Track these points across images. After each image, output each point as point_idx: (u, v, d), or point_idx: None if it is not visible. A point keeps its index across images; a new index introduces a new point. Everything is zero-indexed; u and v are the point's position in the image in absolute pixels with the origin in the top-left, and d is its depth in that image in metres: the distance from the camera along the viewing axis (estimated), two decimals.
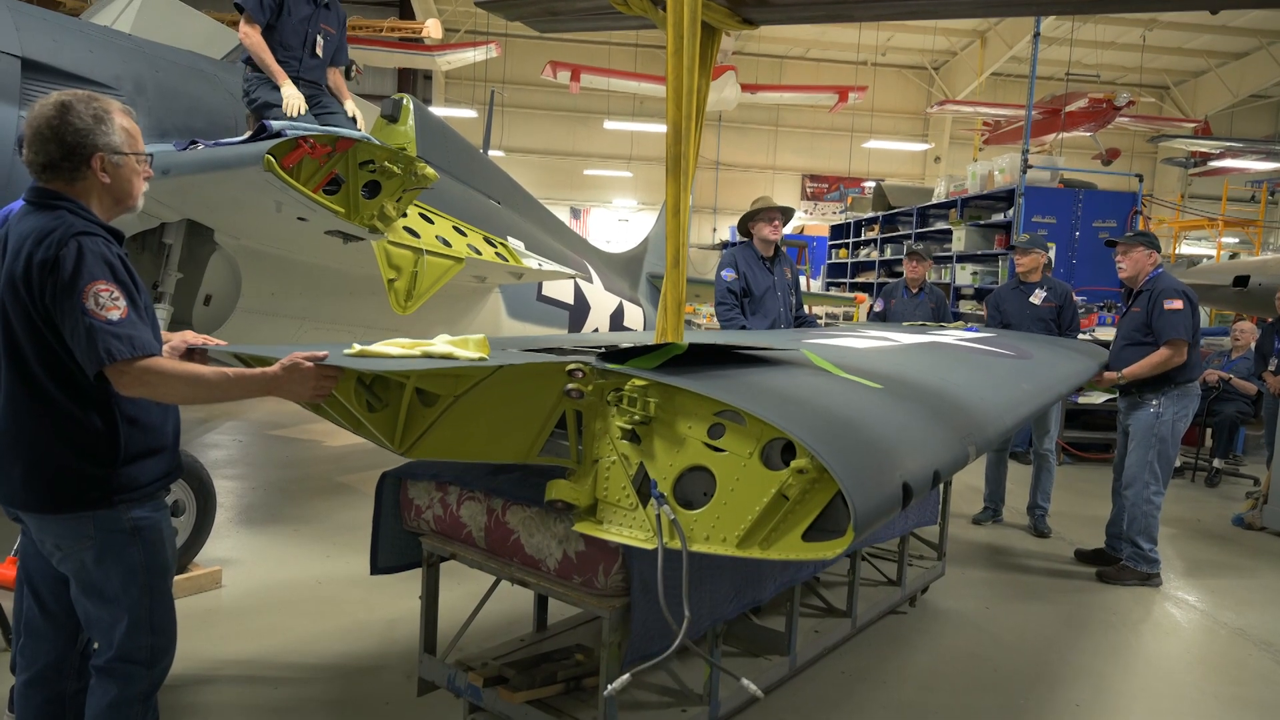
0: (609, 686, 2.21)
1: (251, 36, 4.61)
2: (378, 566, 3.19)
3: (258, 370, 2.22)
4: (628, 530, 2.17)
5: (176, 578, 4.12)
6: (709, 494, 2.04)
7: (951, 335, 4.88)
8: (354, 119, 5.02)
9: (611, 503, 2.22)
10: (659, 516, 2.05)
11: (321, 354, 2.22)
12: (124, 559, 2.22)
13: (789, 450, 1.96)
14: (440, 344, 2.42)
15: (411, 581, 3.26)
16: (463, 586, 3.76)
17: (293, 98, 4.59)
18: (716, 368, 2.35)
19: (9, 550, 3.90)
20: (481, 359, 2.35)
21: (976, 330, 5.62)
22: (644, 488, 2.15)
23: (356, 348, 2.39)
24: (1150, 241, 5.39)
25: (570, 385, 2.20)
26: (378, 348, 2.40)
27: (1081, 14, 15.16)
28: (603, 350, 2.36)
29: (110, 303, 2.03)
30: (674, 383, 2.10)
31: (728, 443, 2.04)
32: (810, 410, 2.15)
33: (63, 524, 2.18)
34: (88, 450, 2.16)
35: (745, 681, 2.08)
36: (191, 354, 2.47)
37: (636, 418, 2.13)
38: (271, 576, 4.61)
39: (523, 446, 2.45)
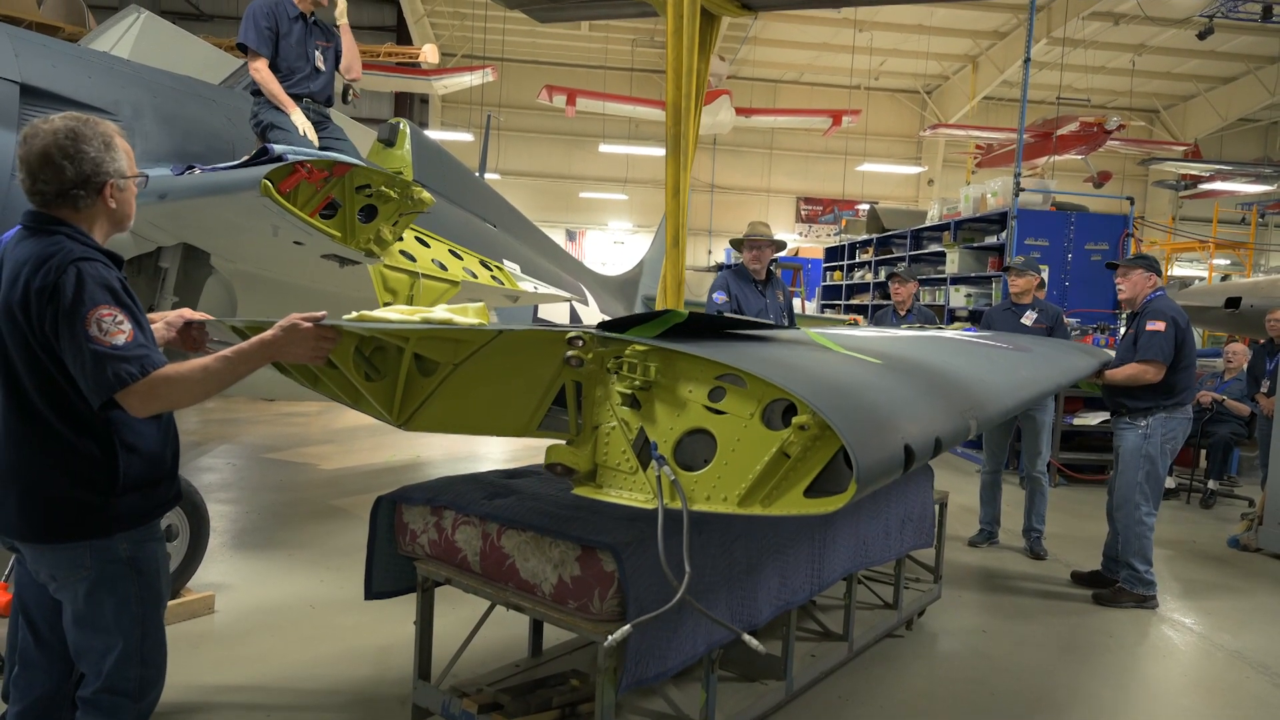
0: (609, 638, 2.20)
1: (261, 71, 4.72)
2: (372, 591, 3.18)
3: (255, 339, 2.22)
4: (627, 493, 2.17)
5: (169, 603, 4.10)
6: (709, 460, 2.04)
7: (951, 333, 4.90)
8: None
9: (611, 467, 2.21)
10: (659, 478, 2.05)
11: (320, 314, 2.23)
12: (118, 590, 2.19)
13: (790, 411, 1.96)
14: (440, 311, 2.43)
15: (406, 606, 3.24)
16: (457, 611, 3.75)
17: (302, 125, 4.70)
18: (716, 340, 2.36)
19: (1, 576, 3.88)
20: (480, 325, 2.35)
21: (975, 331, 5.65)
22: (644, 452, 2.14)
23: (355, 314, 2.39)
24: (1150, 264, 5.40)
25: (570, 353, 2.18)
26: (378, 314, 2.40)
27: None
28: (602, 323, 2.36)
29: (115, 327, 2.01)
30: (675, 347, 2.10)
31: (729, 405, 2.04)
32: (812, 375, 2.15)
33: (58, 554, 2.16)
34: (85, 479, 2.13)
35: (747, 637, 2.06)
36: (189, 328, 2.50)
37: (637, 383, 2.12)
38: (265, 601, 4.58)
39: (521, 419, 2.44)
